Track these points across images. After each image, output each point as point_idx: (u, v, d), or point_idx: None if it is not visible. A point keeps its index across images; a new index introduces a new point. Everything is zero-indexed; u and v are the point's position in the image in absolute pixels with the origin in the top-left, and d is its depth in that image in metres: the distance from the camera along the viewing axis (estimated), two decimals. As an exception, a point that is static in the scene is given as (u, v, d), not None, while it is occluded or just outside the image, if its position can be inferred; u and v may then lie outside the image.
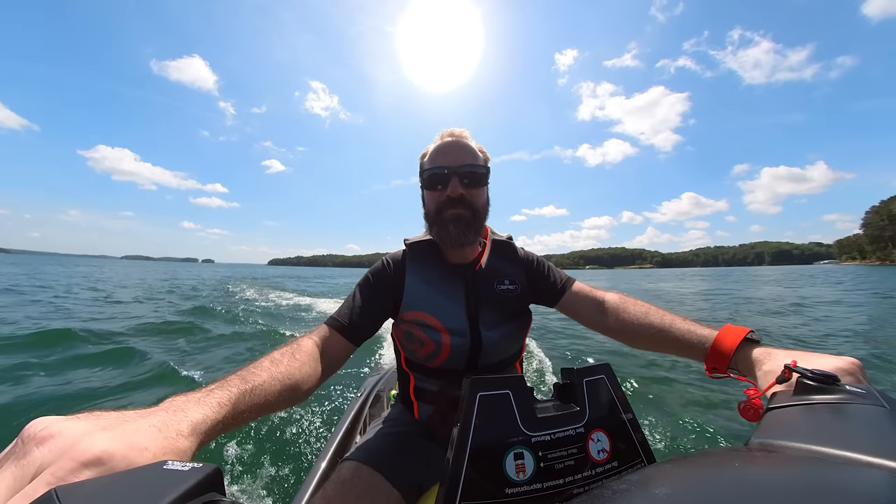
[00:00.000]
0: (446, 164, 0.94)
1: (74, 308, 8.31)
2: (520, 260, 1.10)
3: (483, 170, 0.97)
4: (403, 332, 0.99)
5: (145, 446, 0.35)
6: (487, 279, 1.01)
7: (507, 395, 0.51)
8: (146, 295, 11.96)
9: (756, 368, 0.63)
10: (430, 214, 0.99)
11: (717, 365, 0.71)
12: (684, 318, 0.83)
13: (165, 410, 0.43)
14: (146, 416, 0.40)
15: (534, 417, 0.52)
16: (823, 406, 0.43)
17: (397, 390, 1.19)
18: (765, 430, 0.41)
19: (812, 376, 0.47)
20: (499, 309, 0.99)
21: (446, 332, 0.94)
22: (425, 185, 0.99)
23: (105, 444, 0.33)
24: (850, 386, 0.45)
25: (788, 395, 0.48)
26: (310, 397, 0.84)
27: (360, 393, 1.86)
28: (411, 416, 1.05)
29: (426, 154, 1.01)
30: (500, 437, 0.49)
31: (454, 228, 0.93)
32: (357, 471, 0.85)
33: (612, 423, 0.57)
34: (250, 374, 0.62)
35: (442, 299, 0.97)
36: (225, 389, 0.53)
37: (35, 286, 13.48)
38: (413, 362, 1.02)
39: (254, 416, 0.58)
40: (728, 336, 0.71)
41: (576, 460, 0.52)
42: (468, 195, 0.95)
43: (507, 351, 1.01)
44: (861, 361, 0.55)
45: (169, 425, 0.40)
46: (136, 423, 0.38)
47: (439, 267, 1.02)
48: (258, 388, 0.59)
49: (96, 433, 0.34)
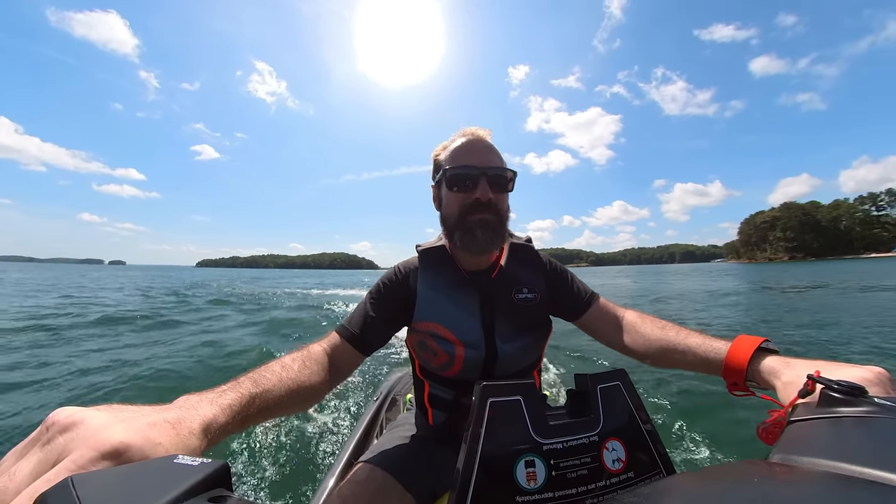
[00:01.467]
0: (476, 164, 0.87)
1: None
2: (541, 266, 1.03)
3: (511, 174, 0.91)
4: (417, 341, 0.97)
5: (159, 441, 0.37)
6: (504, 287, 0.95)
7: (518, 402, 0.51)
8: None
9: (775, 379, 0.60)
10: (451, 217, 0.91)
11: (736, 379, 0.68)
12: (699, 332, 0.80)
13: (180, 408, 0.45)
14: (161, 412, 0.42)
15: (546, 425, 0.51)
16: (850, 420, 0.41)
17: (413, 394, 1.19)
18: (786, 445, 0.39)
19: (838, 388, 0.45)
20: (516, 319, 0.93)
21: (460, 345, 0.90)
22: (449, 184, 0.89)
23: (123, 435, 0.35)
24: (878, 398, 0.43)
25: (812, 408, 0.46)
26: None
27: (377, 396, 1.88)
28: (426, 422, 1.05)
29: (444, 151, 0.94)
30: (511, 444, 0.49)
31: (482, 234, 0.86)
32: (371, 473, 0.86)
33: (629, 432, 0.55)
34: (261, 377, 0.63)
35: (455, 310, 0.93)
36: (236, 391, 0.55)
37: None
38: (427, 370, 1.00)
39: (262, 419, 0.59)
40: (742, 346, 0.68)
41: (589, 469, 0.51)
42: (495, 199, 0.88)
43: (523, 362, 0.97)
44: (889, 372, 0.52)
45: (182, 422, 0.42)
46: (152, 418, 0.39)
47: (453, 275, 0.96)
48: (268, 392, 0.61)
49: (116, 425, 0.36)
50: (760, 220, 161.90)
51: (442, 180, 0.92)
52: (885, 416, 0.40)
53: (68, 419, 0.35)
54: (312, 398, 0.75)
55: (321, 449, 2.52)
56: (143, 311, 9.23)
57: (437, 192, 0.98)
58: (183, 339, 6.18)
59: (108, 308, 9.79)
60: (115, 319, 7.87)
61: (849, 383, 0.45)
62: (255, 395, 0.57)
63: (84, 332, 6.63)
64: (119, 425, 0.36)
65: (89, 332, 6.66)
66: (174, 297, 13.73)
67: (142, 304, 11.14)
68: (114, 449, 0.33)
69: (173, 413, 0.42)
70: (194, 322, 8.10)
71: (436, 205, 0.99)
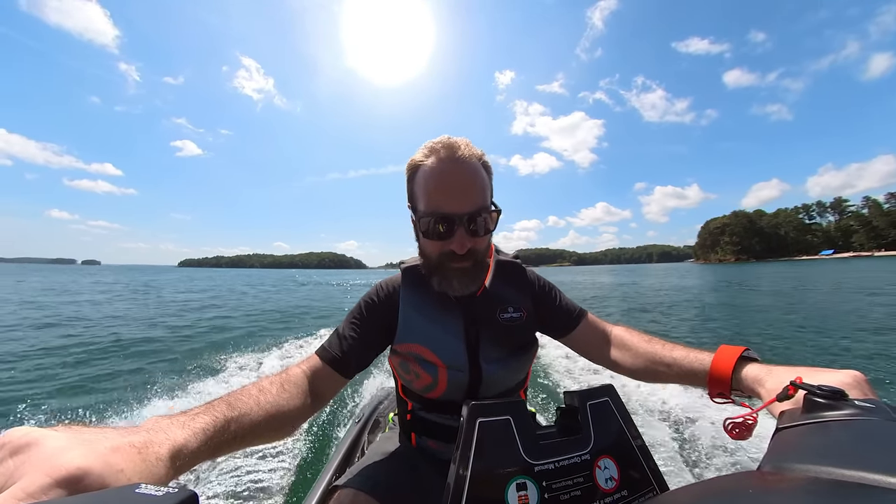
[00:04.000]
0: (452, 212, 0.78)
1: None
2: (527, 284, 1.00)
3: (493, 212, 0.83)
4: (399, 362, 0.94)
5: (121, 467, 0.34)
6: (489, 307, 0.92)
7: (507, 421, 0.50)
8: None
9: (759, 387, 0.61)
10: (429, 262, 0.87)
11: (721, 389, 0.68)
12: (683, 346, 0.81)
13: (147, 431, 0.41)
14: (127, 435, 0.39)
15: (536, 444, 0.50)
16: (835, 424, 0.42)
17: (396, 414, 1.15)
18: (776, 452, 0.39)
19: (821, 392, 0.46)
20: (502, 340, 0.91)
21: (444, 367, 0.87)
22: (424, 233, 0.82)
23: (81, 460, 0.32)
24: (858, 401, 0.44)
25: (797, 414, 0.46)
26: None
27: (359, 417, 1.81)
28: (408, 443, 1.01)
29: (416, 173, 0.82)
30: (502, 466, 0.47)
31: (458, 284, 0.84)
32: (355, 498, 0.81)
33: (620, 448, 0.54)
34: (237, 400, 0.60)
35: (439, 332, 0.89)
36: (210, 415, 0.51)
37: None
38: (410, 391, 0.98)
39: (237, 446, 0.55)
40: (724, 356, 0.69)
41: (582, 490, 0.49)
42: (475, 245, 0.81)
43: (509, 382, 0.94)
44: (865, 375, 0.53)
45: (149, 447, 0.38)
46: (116, 442, 0.36)
47: (436, 295, 0.91)
48: (245, 415, 0.57)
49: (74, 448, 0.32)
50: (713, 226, 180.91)
51: (417, 223, 0.84)
52: (866, 417, 0.41)
53: (21, 440, 0.32)
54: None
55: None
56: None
57: (414, 225, 0.88)
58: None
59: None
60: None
61: (830, 387, 0.46)
62: (231, 420, 0.54)
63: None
64: (77, 449, 0.32)
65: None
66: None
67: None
68: (70, 475, 0.30)
69: (140, 436, 0.39)
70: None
71: (414, 234, 0.91)
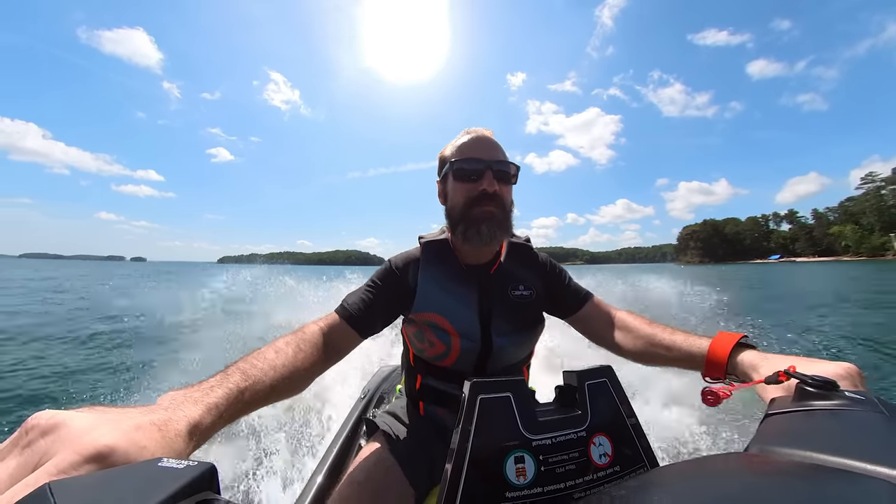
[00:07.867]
0: (482, 157, 0.90)
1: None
2: (538, 265, 1.06)
3: (515, 168, 0.94)
4: (414, 331, 0.98)
5: (144, 444, 0.36)
6: (502, 283, 0.98)
7: (507, 398, 0.51)
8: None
9: (753, 373, 0.63)
10: (456, 209, 0.93)
11: (717, 373, 0.71)
12: (683, 331, 0.83)
13: (166, 409, 0.43)
14: (148, 413, 0.41)
15: (535, 421, 0.52)
16: (823, 413, 0.43)
17: (403, 385, 1.19)
18: (764, 436, 0.41)
19: (812, 382, 0.47)
20: (512, 315, 0.97)
21: (457, 336, 0.92)
22: (456, 176, 0.92)
23: (107, 438, 0.33)
24: (849, 392, 0.45)
25: (788, 401, 0.48)
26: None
27: (364, 393, 1.87)
28: (416, 413, 1.06)
29: (450, 147, 0.98)
30: (501, 441, 0.49)
31: (486, 228, 0.89)
32: (370, 473, 0.87)
33: (615, 427, 0.56)
34: (252, 366, 0.62)
35: (454, 302, 0.95)
36: (224, 387, 0.54)
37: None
38: (421, 360, 1.02)
39: (253, 408, 0.59)
40: (722, 342, 0.71)
41: (577, 464, 0.52)
42: (500, 191, 0.91)
43: (516, 356, 1.00)
44: (859, 368, 0.55)
45: (169, 424, 0.41)
46: (138, 420, 0.38)
47: (453, 268, 0.98)
48: (259, 382, 0.60)
49: (100, 427, 0.34)
50: (685, 232, 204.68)
51: (448, 173, 0.95)
52: (854, 408, 0.42)
53: (50, 421, 0.33)
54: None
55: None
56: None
57: (442, 187, 1.00)
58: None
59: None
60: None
61: (822, 378, 0.47)
62: (245, 389, 0.56)
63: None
64: (103, 428, 0.35)
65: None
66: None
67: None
68: (97, 452, 0.32)
69: (160, 414, 0.41)
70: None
71: (441, 199, 1.01)
